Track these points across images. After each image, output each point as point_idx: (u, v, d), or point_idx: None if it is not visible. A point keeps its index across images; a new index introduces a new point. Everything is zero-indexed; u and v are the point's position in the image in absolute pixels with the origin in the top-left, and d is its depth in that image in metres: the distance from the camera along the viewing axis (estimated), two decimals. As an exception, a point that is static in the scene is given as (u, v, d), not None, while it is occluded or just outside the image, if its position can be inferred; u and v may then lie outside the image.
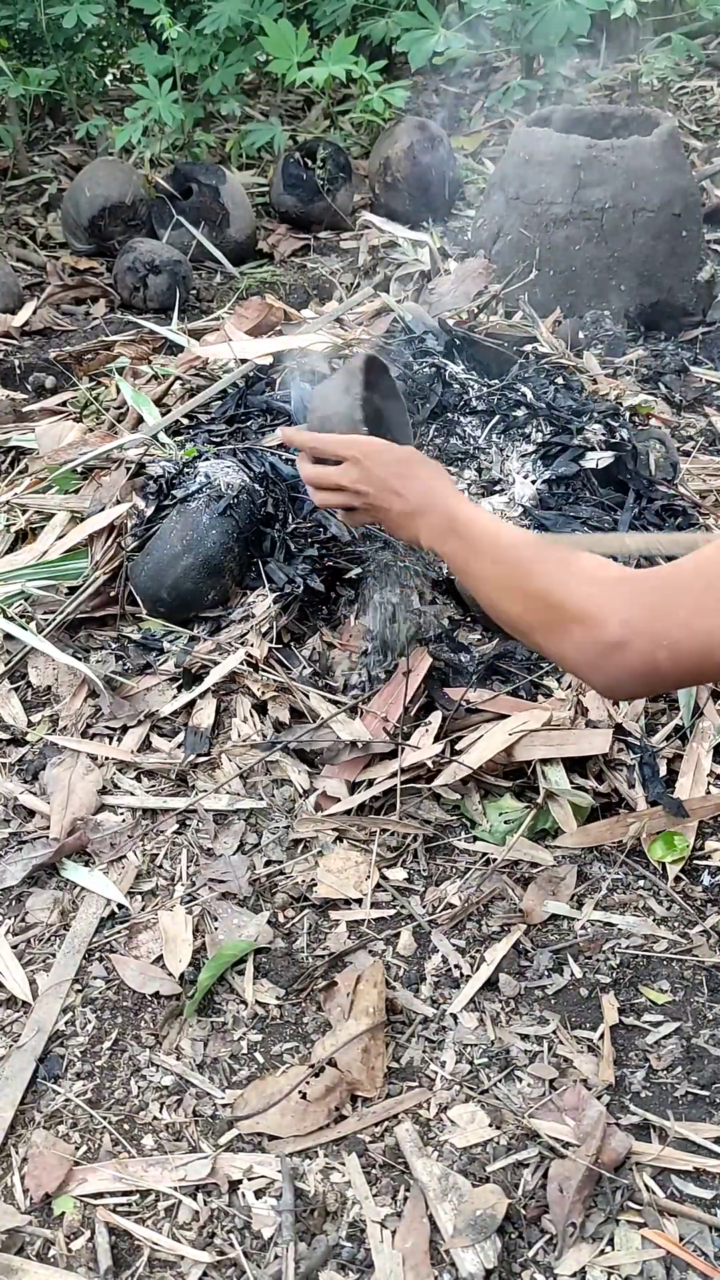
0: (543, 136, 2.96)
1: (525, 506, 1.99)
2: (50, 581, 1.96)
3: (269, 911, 1.52)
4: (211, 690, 1.78)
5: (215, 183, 3.56)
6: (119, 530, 1.93)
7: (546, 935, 1.49)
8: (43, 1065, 1.36)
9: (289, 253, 3.66)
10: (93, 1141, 1.29)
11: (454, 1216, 1.17)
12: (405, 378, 2.15)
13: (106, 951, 1.49)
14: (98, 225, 3.58)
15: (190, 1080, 1.34)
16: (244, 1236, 1.19)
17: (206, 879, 1.56)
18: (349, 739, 1.67)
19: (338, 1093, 1.30)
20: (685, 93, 4.45)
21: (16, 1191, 1.24)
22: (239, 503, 1.88)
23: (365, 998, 1.36)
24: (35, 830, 1.66)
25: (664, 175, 2.91)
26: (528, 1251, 1.17)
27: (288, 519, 1.94)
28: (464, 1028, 1.38)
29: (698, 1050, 1.35)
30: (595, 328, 2.90)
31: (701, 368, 2.80)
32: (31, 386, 2.81)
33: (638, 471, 2.06)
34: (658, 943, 1.48)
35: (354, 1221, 1.20)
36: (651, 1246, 1.17)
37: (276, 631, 1.83)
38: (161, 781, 1.71)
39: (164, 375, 2.36)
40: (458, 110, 4.44)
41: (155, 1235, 1.19)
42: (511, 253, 3.02)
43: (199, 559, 1.85)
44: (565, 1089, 1.30)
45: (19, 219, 3.89)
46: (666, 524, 2.02)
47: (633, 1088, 1.32)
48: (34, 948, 1.51)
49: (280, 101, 4.55)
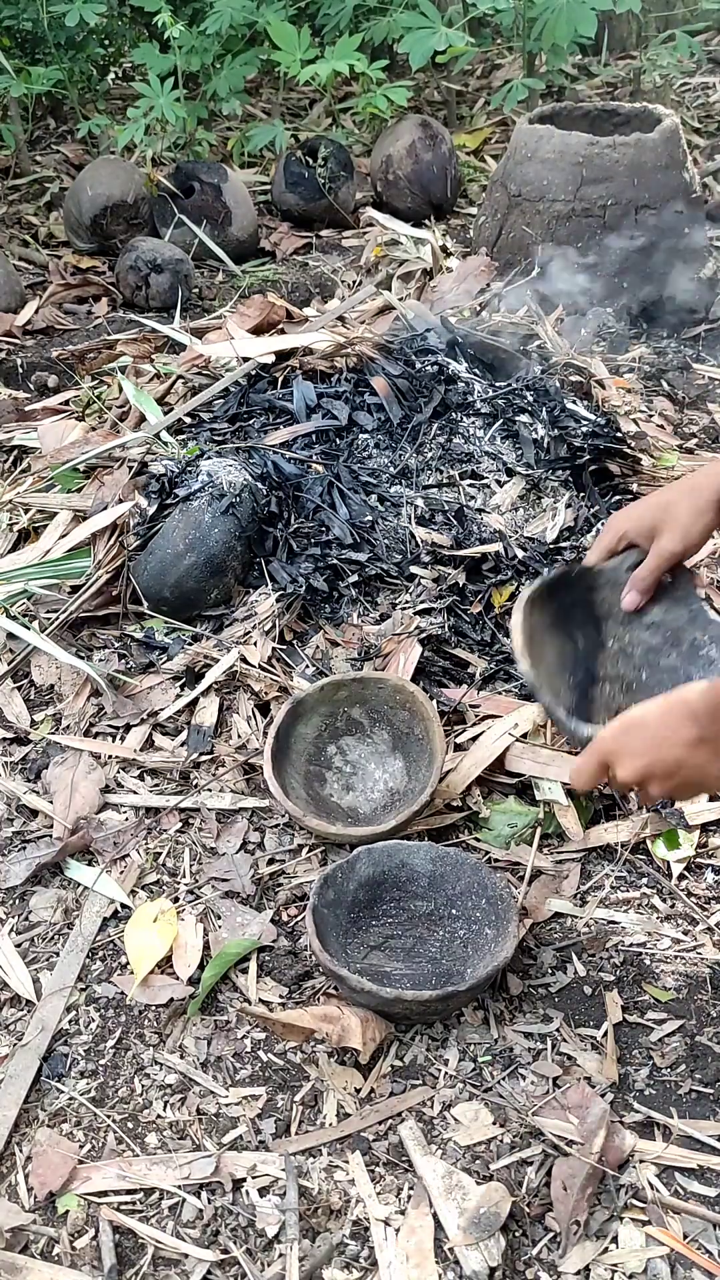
0: (545, 134, 2.95)
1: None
2: (53, 580, 1.96)
3: (272, 910, 1.52)
4: (214, 689, 1.78)
5: (217, 181, 3.56)
6: (121, 529, 1.93)
7: (550, 933, 1.49)
8: (47, 1064, 1.37)
9: (291, 251, 3.66)
10: (97, 1140, 1.29)
11: (458, 1214, 1.17)
12: (408, 376, 2.15)
13: (109, 952, 1.49)
14: (100, 224, 3.58)
15: (194, 1079, 1.34)
16: (248, 1235, 1.19)
17: (209, 878, 1.57)
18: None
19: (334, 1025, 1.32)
20: (687, 89, 4.44)
21: (21, 1190, 1.24)
22: (241, 501, 1.88)
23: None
24: (39, 829, 1.67)
25: (666, 172, 2.91)
26: (532, 1249, 1.17)
27: (290, 518, 1.94)
28: (467, 1025, 1.38)
29: (701, 1048, 1.35)
30: (597, 326, 2.90)
31: (704, 365, 2.80)
32: (34, 385, 2.81)
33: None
34: (661, 940, 1.48)
35: (358, 1220, 1.20)
36: (655, 1244, 1.16)
37: (279, 630, 1.83)
38: (164, 780, 1.71)
39: (166, 374, 2.35)
40: (459, 108, 4.43)
41: (159, 1233, 1.19)
42: (513, 250, 3.02)
43: (201, 558, 1.85)
44: (569, 1087, 1.30)
45: (21, 218, 3.89)
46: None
47: (636, 1085, 1.32)
48: (38, 946, 1.51)
49: (282, 100, 4.55)
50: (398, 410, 2.09)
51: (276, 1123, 1.29)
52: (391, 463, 2.02)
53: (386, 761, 1.68)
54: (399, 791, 1.64)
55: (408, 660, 1.74)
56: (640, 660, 1.51)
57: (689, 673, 1.47)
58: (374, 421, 2.10)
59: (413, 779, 1.64)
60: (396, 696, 1.67)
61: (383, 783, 1.66)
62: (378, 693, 1.69)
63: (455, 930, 1.45)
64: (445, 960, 1.42)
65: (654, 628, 1.51)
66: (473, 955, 1.40)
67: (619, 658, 1.51)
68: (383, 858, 1.48)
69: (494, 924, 1.41)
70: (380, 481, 1.99)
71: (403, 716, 1.67)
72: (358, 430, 2.09)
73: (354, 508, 1.94)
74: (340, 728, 1.70)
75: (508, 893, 1.41)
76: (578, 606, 1.51)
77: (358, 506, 1.94)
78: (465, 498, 1.99)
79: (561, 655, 1.49)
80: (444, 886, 1.47)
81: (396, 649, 1.78)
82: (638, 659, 1.51)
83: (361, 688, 1.69)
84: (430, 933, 1.46)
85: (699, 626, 1.49)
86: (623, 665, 1.51)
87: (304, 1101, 1.31)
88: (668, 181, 2.91)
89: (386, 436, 2.07)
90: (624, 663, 1.51)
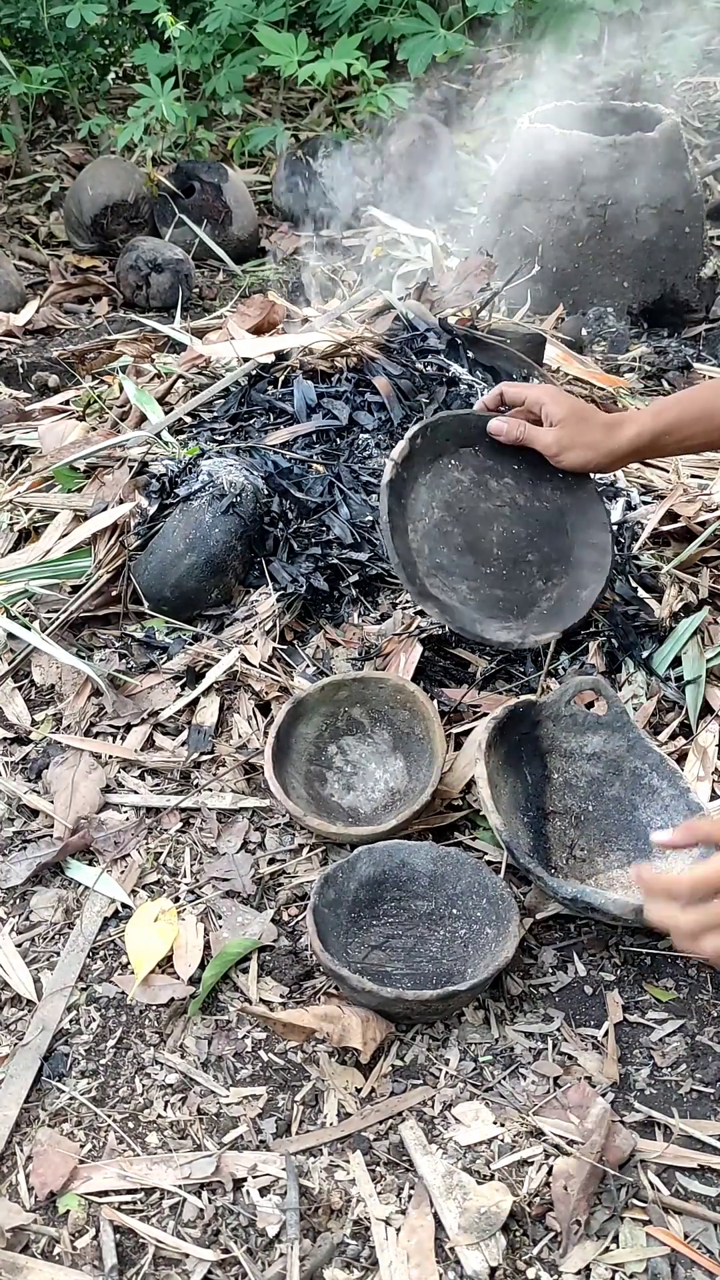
0: (545, 133, 2.95)
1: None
2: (53, 580, 1.96)
3: (272, 909, 1.52)
4: (215, 689, 1.78)
5: (217, 181, 3.56)
6: (122, 529, 1.93)
7: (550, 933, 1.49)
8: (47, 1063, 1.37)
9: (291, 251, 3.66)
10: (97, 1139, 1.29)
11: (458, 1214, 1.18)
12: (408, 376, 2.15)
13: (110, 951, 1.49)
14: (100, 224, 3.58)
15: (194, 1078, 1.34)
16: (248, 1234, 1.19)
17: (210, 877, 1.57)
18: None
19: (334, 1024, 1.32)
20: (688, 89, 4.44)
21: (21, 1189, 1.24)
22: (242, 501, 1.88)
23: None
24: (39, 829, 1.67)
25: (666, 171, 2.91)
26: (532, 1249, 1.17)
27: (291, 518, 1.94)
28: (468, 1025, 1.38)
29: (702, 1048, 1.35)
30: (598, 324, 2.90)
31: (705, 364, 2.80)
32: (34, 385, 2.81)
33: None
34: (662, 939, 1.48)
35: (358, 1219, 1.20)
36: (656, 1244, 1.17)
37: (280, 630, 1.83)
38: (165, 780, 1.71)
39: (167, 374, 2.35)
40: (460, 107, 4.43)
41: (160, 1233, 1.19)
42: (514, 249, 3.02)
43: (202, 557, 1.85)
44: (570, 1086, 1.30)
45: (21, 218, 3.90)
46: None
47: (637, 1085, 1.32)
48: (38, 946, 1.51)
49: (282, 100, 4.55)
50: (399, 410, 2.09)
51: (277, 1122, 1.29)
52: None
53: (387, 761, 1.68)
54: (399, 791, 1.64)
55: (408, 660, 1.75)
56: (586, 791, 1.58)
57: (633, 801, 1.55)
58: (374, 421, 2.10)
59: (413, 779, 1.64)
60: (397, 696, 1.67)
61: (383, 782, 1.66)
62: (378, 692, 1.69)
63: (456, 930, 1.45)
64: (446, 960, 1.42)
65: (595, 759, 1.58)
66: (473, 955, 1.40)
67: (565, 791, 1.58)
68: (383, 857, 1.48)
69: (495, 923, 1.41)
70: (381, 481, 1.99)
71: (403, 716, 1.67)
72: (358, 430, 2.09)
73: (354, 507, 1.94)
74: (341, 727, 1.70)
75: (509, 892, 1.41)
76: (524, 743, 1.57)
77: (358, 506, 1.94)
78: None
79: (514, 794, 1.55)
80: (445, 886, 1.47)
81: (397, 649, 1.78)
82: (583, 790, 1.57)
83: (362, 687, 1.69)
84: (431, 932, 1.46)
85: (638, 755, 1.56)
86: (569, 798, 1.57)
87: (305, 1101, 1.31)
88: (668, 181, 2.91)
89: (387, 436, 2.07)
90: (570, 795, 1.57)
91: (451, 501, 1.72)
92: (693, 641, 1.82)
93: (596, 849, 1.54)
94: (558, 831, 1.55)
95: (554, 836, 1.54)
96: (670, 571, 1.94)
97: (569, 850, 1.53)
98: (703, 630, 1.84)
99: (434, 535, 1.68)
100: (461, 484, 1.72)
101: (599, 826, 1.55)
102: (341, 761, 1.68)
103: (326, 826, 1.53)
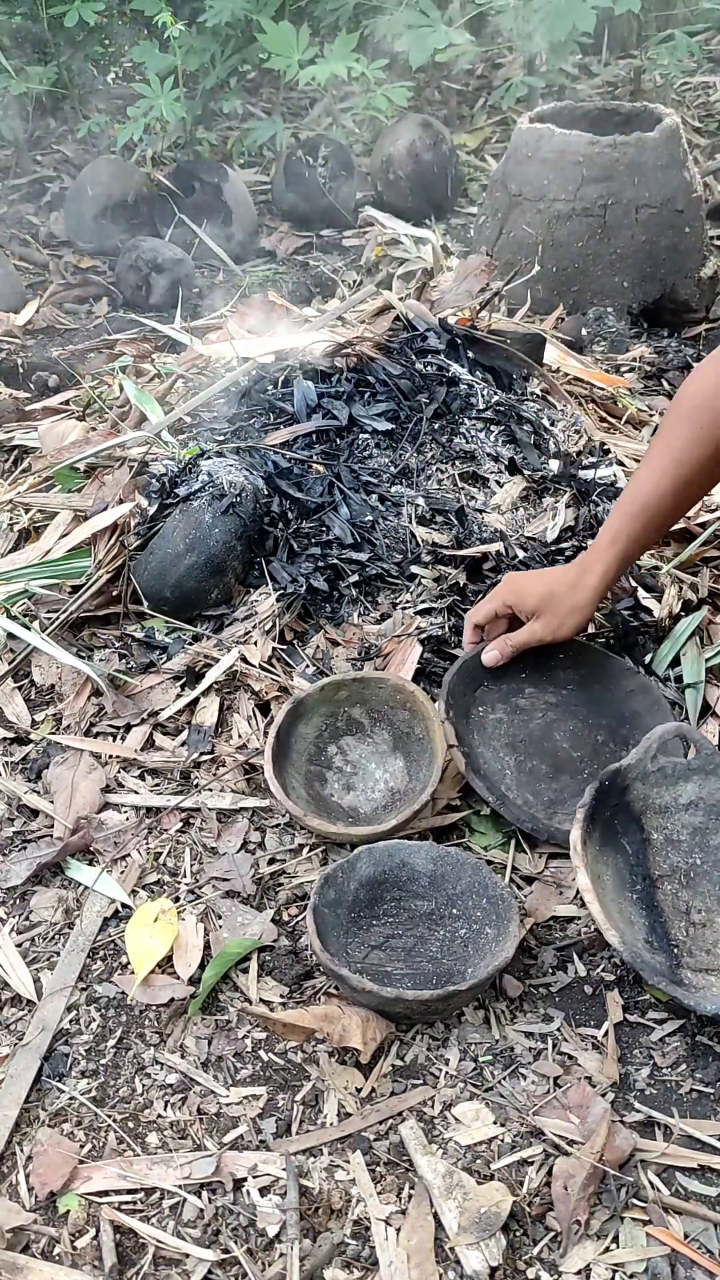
0: (545, 133, 2.95)
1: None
2: (53, 580, 1.96)
3: (272, 909, 1.52)
4: (215, 689, 1.78)
5: (217, 180, 3.56)
6: (122, 529, 1.93)
7: (550, 933, 1.49)
8: (47, 1063, 1.37)
9: (291, 250, 3.66)
10: (97, 1139, 1.29)
11: (458, 1214, 1.18)
12: (408, 376, 2.15)
13: (110, 951, 1.49)
14: (100, 224, 3.58)
15: (194, 1078, 1.34)
16: (248, 1234, 1.19)
17: (210, 877, 1.57)
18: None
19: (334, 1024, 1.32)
20: (688, 89, 4.44)
21: (21, 1189, 1.24)
22: (242, 501, 1.88)
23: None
24: (39, 829, 1.67)
25: (666, 171, 2.91)
26: (532, 1249, 1.17)
27: (290, 518, 1.94)
28: (468, 1025, 1.38)
29: (702, 1048, 1.35)
30: (598, 324, 2.90)
31: (705, 364, 2.80)
32: (34, 385, 2.81)
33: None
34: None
35: (358, 1219, 1.20)
36: (656, 1244, 1.17)
37: (279, 630, 1.83)
38: (165, 780, 1.71)
39: (166, 374, 2.35)
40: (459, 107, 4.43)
41: (160, 1233, 1.19)
42: (514, 249, 3.02)
43: (202, 557, 1.85)
44: (570, 1086, 1.30)
45: (21, 217, 3.90)
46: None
47: (637, 1085, 1.32)
48: (38, 946, 1.51)
49: (282, 99, 4.55)
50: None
51: (277, 1122, 1.29)
52: (392, 462, 2.02)
53: (387, 761, 1.68)
54: (399, 791, 1.64)
55: (408, 660, 1.75)
56: (690, 844, 1.49)
57: None
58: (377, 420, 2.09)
59: (413, 779, 1.64)
60: (397, 696, 1.67)
61: (383, 782, 1.66)
62: (378, 693, 1.69)
63: (456, 930, 1.45)
64: (446, 960, 1.42)
65: (693, 807, 1.50)
66: (473, 955, 1.40)
67: (668, 849, 1.49)
68: (383, 857, 1.48)
69: (495, 923, 1.41)
70: (381, 481, 1.99)
71: (403, 716, 1.67)
72: (358, 430, 2.08)
73: (354, 507, 1.94)
74: (341, 727, 1.70)
75: (508, 892, 1.41)
76: (617, 814, 1.48)
77: (358, 506, 1.94)
78: (465, 497, 1.99)
79: (618, 871, 1.46)
80: (445, 886, 1.47)
81: (397, 649, 1.78)
82: (686, 844, 1.49)
83: (362, 687, 1.69)
84: (431, 932, 1.46)
85: None
86: (674, 855, 1.49)
87: (305, 1101, 1.31)
88: (668, 181, 2.91)
89: (387, 436, 2.07)
90: (675, 852, 1.49)
91: (510, 743, 1.68)
92: (692, 641, 1.82)
93: (715, 907, 1.44)
94: (669, 897, 1.45)
95: (667, 904, 1.44)
96: (670, 571, 1.94)
97: (685, 916, 1.44)
98: (702, 630, 1.85)
99: (523, 782, 1.64)
100: (503, 722, 1.69)
101: (710, 880, 1.46)
102: (341, 761, 1.69)
103: (326, 826, 1.53)
